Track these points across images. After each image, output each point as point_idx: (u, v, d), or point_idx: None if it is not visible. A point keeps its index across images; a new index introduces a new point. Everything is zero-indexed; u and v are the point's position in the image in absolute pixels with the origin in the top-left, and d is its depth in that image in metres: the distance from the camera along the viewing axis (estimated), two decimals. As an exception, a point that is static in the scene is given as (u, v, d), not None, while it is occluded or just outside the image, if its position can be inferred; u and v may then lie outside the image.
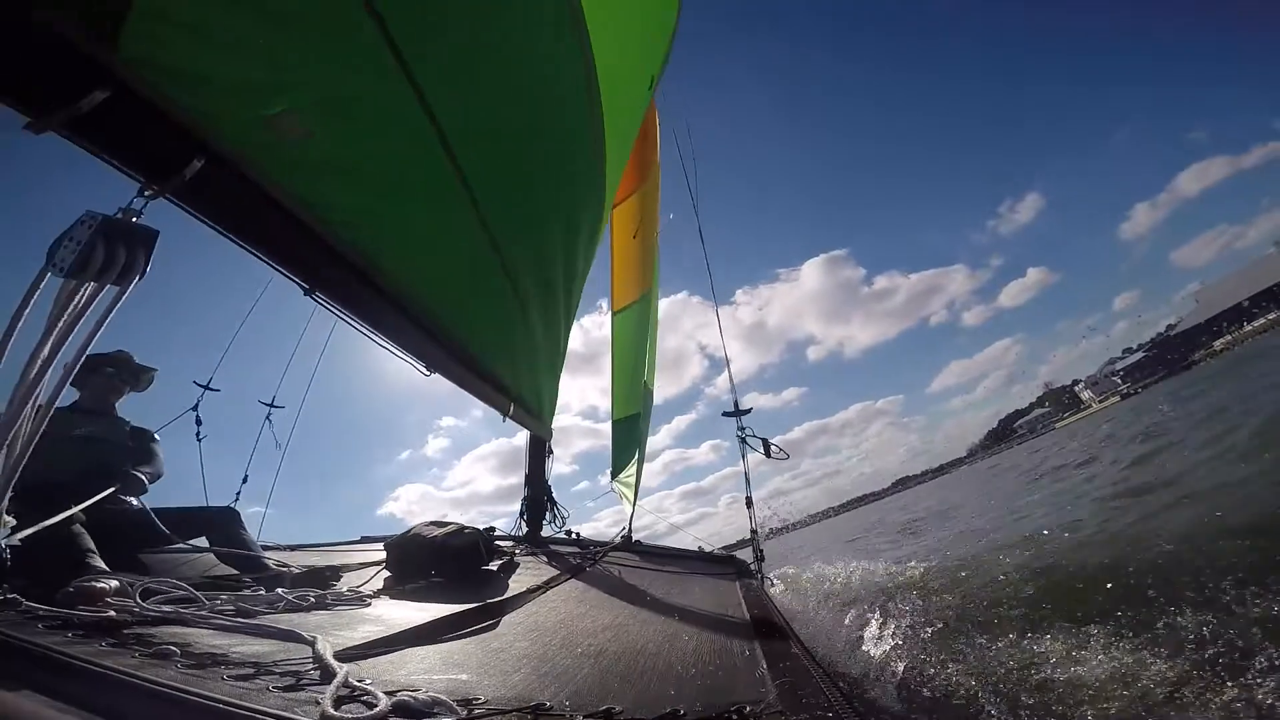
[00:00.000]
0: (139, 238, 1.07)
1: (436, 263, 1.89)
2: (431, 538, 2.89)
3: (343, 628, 1.57)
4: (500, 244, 2.03)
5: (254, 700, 0.82)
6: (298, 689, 0.93)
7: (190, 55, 0.94)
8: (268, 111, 1.11)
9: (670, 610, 2.20)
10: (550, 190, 2.24)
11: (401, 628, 1.58)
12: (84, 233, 1.03)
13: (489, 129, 1.71)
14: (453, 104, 1.51)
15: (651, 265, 5.16)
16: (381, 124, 1.38)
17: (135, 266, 1.08)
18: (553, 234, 2.37)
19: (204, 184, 1.11)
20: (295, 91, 1.13)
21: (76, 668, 0.82)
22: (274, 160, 1.20)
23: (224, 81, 1.01)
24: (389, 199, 1.57)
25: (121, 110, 0.94)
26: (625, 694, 1.13)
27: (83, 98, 0.88)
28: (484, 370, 2.49)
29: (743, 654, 1.50)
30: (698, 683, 1.23)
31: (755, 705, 1.02)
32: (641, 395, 4.96)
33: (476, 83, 1.54)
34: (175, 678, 0.85)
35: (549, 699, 1.03)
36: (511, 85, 1.68)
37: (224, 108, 1.04)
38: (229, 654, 1.10)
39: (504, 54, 1.57)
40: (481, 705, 0.95)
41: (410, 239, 1.71)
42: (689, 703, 1.05)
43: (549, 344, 2.95)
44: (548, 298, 2.65)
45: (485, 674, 1.22)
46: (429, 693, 0.91)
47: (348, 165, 1.39)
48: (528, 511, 3.91)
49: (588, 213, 2.65)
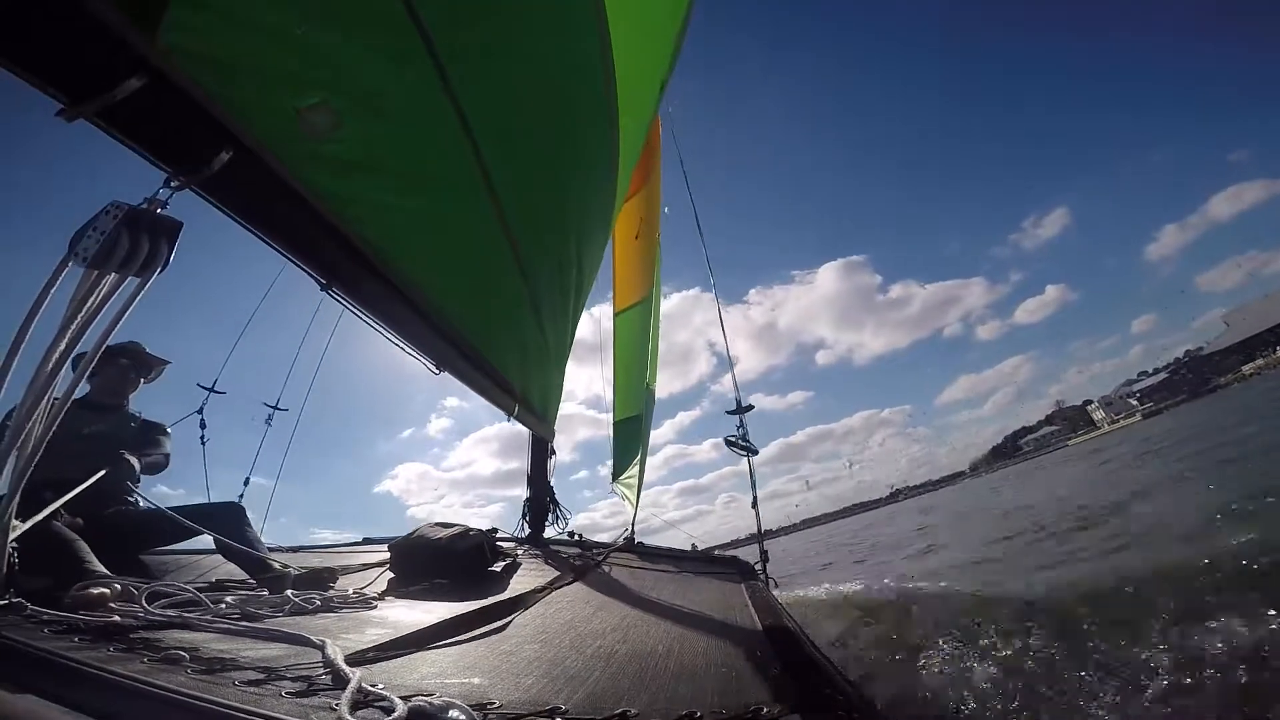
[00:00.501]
0: (163, 229, 1.05)
1: (455, 261, 1.88)
2: (436, 539, 2.86)
3: (350, 631, 1.55)
4: (519, 244, 2.02)
5: (268, 706, 0.80)
6: (311, 694, 0.91)
7: (227, 45, 0.93)
8: (300, 103, 1.09)
9: (678, 612, 2.19)
10: (571, 191, 2.23)
11: (409, 630, 1.56)
12: (108, 223, 1.01)
13: (515, 127, 1.70)
14: (481, 100, 1.50)
15: (653, 266, 5.16)
16: (411, 118, 1.37)
17: (158, 258, 1.06)
18: (570, 236, 2.36)
19: (231, 176, 1.09)
20: (328, 83, 1.12)
21: (86, 674, 0.80)
22: (301, 153, 1.18)
23: (259, 71, 0.99)
24: (412, 195, 1.56)
25: (155, 99, 0.92)
26: (639, 696, 1.12)
27: (118, 85, 0.86)
28: (492, 370, 2.48)
29: (755, 655, 1.49)
30: (711, 684, 1.21)
31: (773, 707, 1.01)
32: (643, 396, 4.94)
33: (504, 80, 1.53)
34: (186, 683, 0.84)
35: (563, 702, 1.02)
36: (538, 83, 1.67)
37: (257, 98, 1.02)
38: (238, 658, 1.09)
39: (532, 52, 1.57)
40: (496, 710, 0.94)
41: (430, 236, 1.70)
42: (704, 705, 1.04)
43: (556, 346, 2.94)
44: (559, 300, 2.64)
45: (497, 677, 1.21)
46: (443, 697, 0.90)
47: (374, 159, 1.38)
48: (530, 513, 3.88)
49: (602, 214, 2.65)
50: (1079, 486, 12.62)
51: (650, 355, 5.19)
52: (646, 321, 5.04)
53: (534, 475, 3.89)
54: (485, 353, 2.35)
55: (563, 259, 2.39)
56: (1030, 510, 10.44)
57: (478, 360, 2.37)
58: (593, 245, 2.62)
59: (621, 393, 5.05)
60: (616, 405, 5.04)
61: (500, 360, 2.47)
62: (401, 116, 1.32)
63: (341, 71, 1.11)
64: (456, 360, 2.25)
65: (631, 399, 4.98)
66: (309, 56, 1.03)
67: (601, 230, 2.68)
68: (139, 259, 1.03)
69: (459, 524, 3.22)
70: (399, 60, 1.19)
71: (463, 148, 1.50)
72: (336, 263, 1.51)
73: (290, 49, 0.99)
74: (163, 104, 0.94)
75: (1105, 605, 3.48)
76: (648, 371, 4.95)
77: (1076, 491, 11.12)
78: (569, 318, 2.86)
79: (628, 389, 5.02)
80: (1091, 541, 6.10)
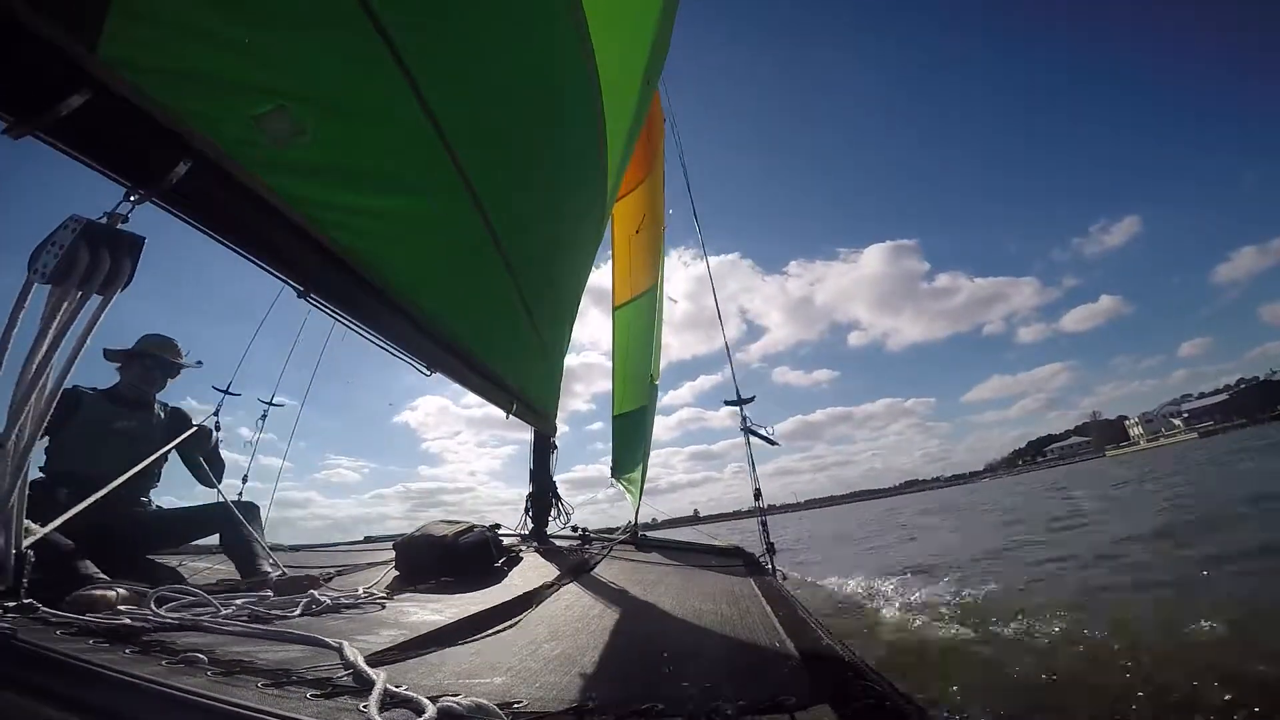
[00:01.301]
0: (123, 244, 1.04)
1: (438, 262, 1.86)
2: (441, 537, 2.89)
3: (364, 631, 1.56)
4: (503, 242, 1.99)
5: (293, 709, 0.80)
6: (335, 696, 0.91)
7: (172, 54, 0.91)
8: (256, 110, 1.07)
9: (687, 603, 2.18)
10: (553, 186, 2.20)
11: (421, 630, 1.57)
12: (67, 237, 1.00)
13: (489, 124, 1.67)
14: (451, 99, 1.47)
15: (655, 260, 5.10)
16: (378, 121, 1.34)
17: (120, 274, 1.05)
18: (556, 230, 2.33)
19: (192, 186, 1.08)
20: (285, 89, 1.09)
21: (104, 676, 0.80)
22: (265, 160, 1.16)
23: (209, 80, 0.97)
24: (388, 197, 1.54)
25: (103, 112, 0.91)
26: (660, 689, 1.11)
27: (63, 100, 0.85)
28: (487, 369, 2.47)
29: (771, 645, 1.48)
30: (730, 675, 1.20)
31: (800, 698, 0.99)
32: (646, 390, 4.92)
33: (475, 76, 1.50)
34: (206, 685, 0.84)
35: (587, 698, 1.01)
36: (511, 78, 1.64)
37: (209, 107, 1.00)
38: (255, 660, 1.09)
39: (502, 46, 1.53)
40: (524, 709, 0.93)
41: (411, 238, 1.68)
42: (726, 696, 1.02)
43: (552, 342, 2.93)
44: (552, 295, 2.62)
45: (518, 675, 1.21)
46: (470, 697, 0.89)
47: (344, 164, 1.36)
48: (533, 508, 3.90)
49: (592, 208, 2.61)
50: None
51: (654, 349, 5.16)
52: (647, 315, 5.00)
53: (536, 471, 3.91)
54: (477, 353, 2.34)
55: (552, 255, 2.36)
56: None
57: (471, 359, 2.36)
58: (584, 239, 2.59)
59: (622, 386, 5.02)
60: (616, 399, 5.02)
61: (493, 359, 2.46)
62: (368, 119, 1.30)
63: (298, 77, 1.09)
64: (448, 360, 2.24)
65: (633, 393, 4.96)
66: (261, 63, 1.01)
67: (592, 223, 2.64)
68: (100, 275, 1.02)
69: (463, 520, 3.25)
70: (359, 62, 1.17)
71: (435, 148, 1.47)
72: (314, 268, 1.50)
73: (239, 56, 0.97)
74: (112, 117, 0.93)
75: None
76: (650, 365, 4.92)
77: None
78: (563, 313, 2.84)
79: (629, 383, 4.99)
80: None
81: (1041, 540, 8.40)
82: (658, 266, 5.18)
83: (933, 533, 13.50)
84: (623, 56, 2.16)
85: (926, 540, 11.82)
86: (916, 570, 6.96)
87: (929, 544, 10.93)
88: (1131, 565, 5.39)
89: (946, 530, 13.61)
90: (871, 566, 7.75)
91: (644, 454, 4.78)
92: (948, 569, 6.81)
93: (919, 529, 14.94)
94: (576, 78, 1.88)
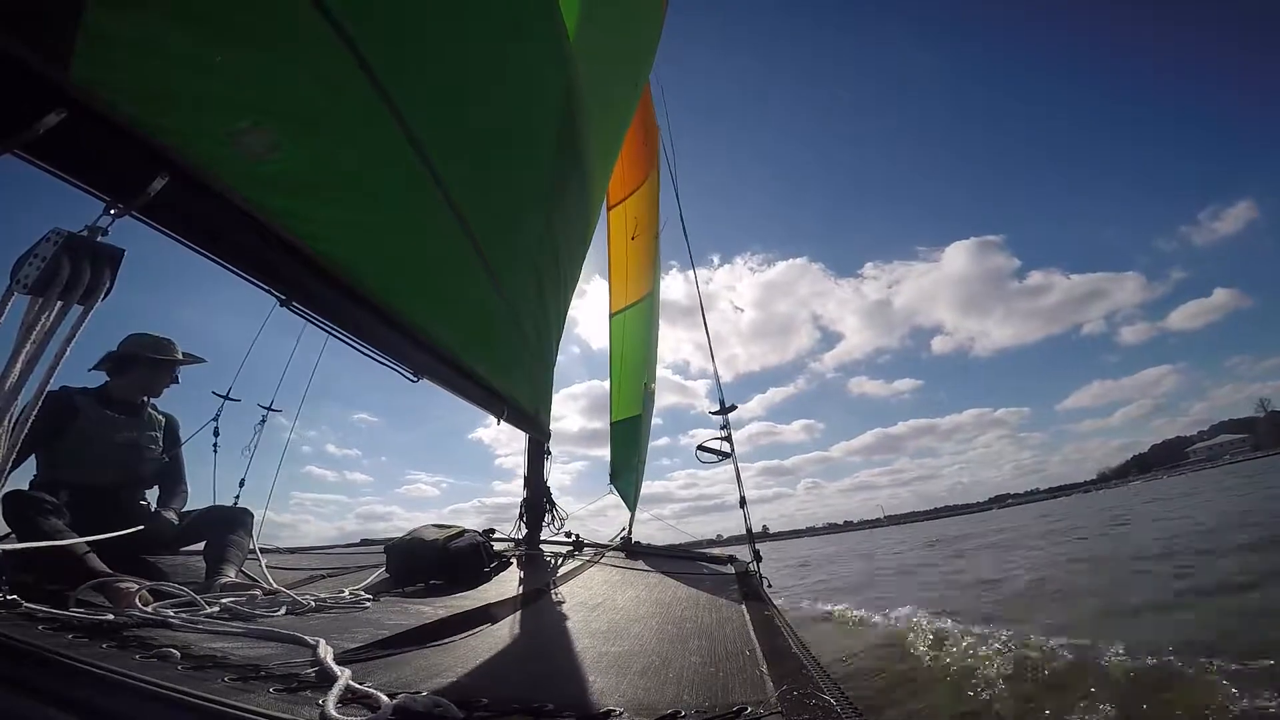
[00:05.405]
0: (103, 256, 1.08)
1: (419, 271, 1.89)
2: (432, 541, 2.91)
3: (343, 631, 1.60)
4: (485, 249, 2.02)
5: (253, 703, 0.82)
6: (298, 691, 0.93)
7: (143, 74, 0.94)
8: (230, 126, 1.11)
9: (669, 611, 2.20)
10: (535, 192, 2.23)
11: (402, 631, 1.60)
12: (49, 249, 1.05)
13: (466, 133, 1.70)
14: (425, 109, 1.50)
15: (651, 266, 5.13)
16: (351, 134, 1.38)
17: (100, 285, 1.09)
18: (539, 237, 2.36)
19: (170, 200, 1.11)
20: (257, 105, 1.13)
21: (77, 670, 0.83)
22: (241, 174, 1.20)
23: (181, 98, 1.01)
24: (367, 209, 1.57)
25: (80, 130, 0.95)
26: (625, 694, 1.13)
27: (38, 120, 0.89)
28: (475, 376, 2.49)
29: (743, 654, 1.50)
30: (698, 683, 1.22)
31: (756, 706, 1.01)
32: (642, 397, 4.94)
33: (448, 86, 1.53)
34: (174, 678, 0.86)
35: (549, 700, 1.03)
36: (487, 86, 1.67)
37: (183, 124, 1.04)
38: (229, 656, 1.12)
39: (476, 55, 1.57)
40: (483, 707, 0.96)
41: (390, 248, 1.72)
42: (689, 704, 1.05)
43: (542, 347, 2.95)
44: (538, 301, 2.65)
45: (486, 676, 1.23)
46: (430, 694, 0.92)
47: (321, 177, 1.39)
48: (526, 514, 3.92)
49: (577, 213, 2.64)
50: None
51: (651, 355, 5.18)
52: (645, 321, 5.03)
53: (530, 476, 3.93)
54: (465, 359, 2.37)
55: (534, 261, 2.39)
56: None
57: (458, 367, 2.39)
58: (569, 245, 2.62)
59: (619, 393, 5.04)
60: (614, 406, 5.04)
61: (481, 365, 2.49)
62: (342, 133, 1.34)
63: (269, 93, 1.13)
64: (436, 367, 2.27)
65: (629, 400, 4.98)
66: (231, 81, 1.05)
67: (578, 226, 2.68)
68: (81, 286, 1.06)
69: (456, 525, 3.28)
70: (329, 77, 1.20)
71: (411, 159, 1.51)
72: (295, 277, 1.53)
73: (209, 75, 1.01)
74: (89, 134, 0.96)
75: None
76: (646, 372, 4.94)
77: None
78: (551, 319, 2.87)
79: (625, 390, 5.01)
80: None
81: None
82: (655, 272, 5.21)
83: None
84: (606, 61, 2.19)
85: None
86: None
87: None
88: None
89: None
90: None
91: (640, 461, 4.79)
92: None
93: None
94: (556, 82, 1.92)
